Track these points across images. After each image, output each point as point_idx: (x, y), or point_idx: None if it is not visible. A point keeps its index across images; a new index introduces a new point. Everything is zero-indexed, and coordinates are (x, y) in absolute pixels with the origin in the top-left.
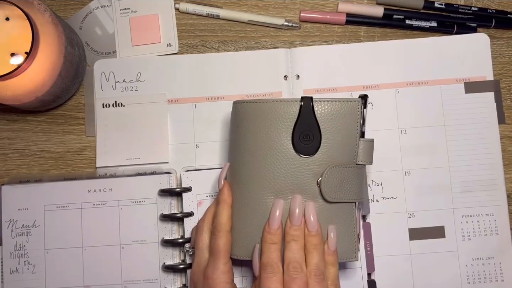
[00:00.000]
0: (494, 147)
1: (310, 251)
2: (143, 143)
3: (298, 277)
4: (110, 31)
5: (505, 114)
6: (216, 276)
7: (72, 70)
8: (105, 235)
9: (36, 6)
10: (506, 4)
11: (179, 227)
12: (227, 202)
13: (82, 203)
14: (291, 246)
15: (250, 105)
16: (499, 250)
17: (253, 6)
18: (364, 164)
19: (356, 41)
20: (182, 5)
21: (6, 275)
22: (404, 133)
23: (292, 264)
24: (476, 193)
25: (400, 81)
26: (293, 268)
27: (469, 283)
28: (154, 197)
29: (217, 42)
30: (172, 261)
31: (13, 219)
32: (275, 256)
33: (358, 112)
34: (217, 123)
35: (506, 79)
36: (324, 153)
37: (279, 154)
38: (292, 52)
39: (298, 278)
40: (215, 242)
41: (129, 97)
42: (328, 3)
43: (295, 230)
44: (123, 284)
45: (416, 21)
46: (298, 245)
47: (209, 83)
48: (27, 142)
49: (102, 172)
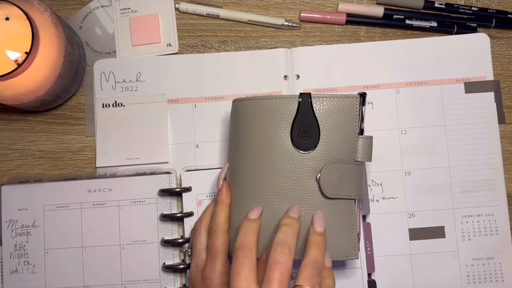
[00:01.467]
0: (494, 147)
1: (313, 246)
2: (143, 143)
3: (283, 261)
4: (110, 31)
5: (505, 114)
6: (214, 277)
7: (72, 70)
8: (105, 235)
9: (36, 6)
10: (506, 4)
11: (179, 227)
12: (225, 202)
13: (82, 203)
14: (283, 229)
15: (249, 102)
16: (499, 250)
17: (253, 6)
18: (363, 161)
19: (356, 41)
20: (182, 5)
21: (6, 275)
22: (404, 133)
23: (280, 246)
24: (476, 193)
25: (400, 81)
26: (281, 249)
27: (469, 283)
28: (154, 197)
29: (217, 42)
30: (172, 261)
31: (13, 219)
32: (251, 240)
33: (356, 109)
34: (217, 123)
35: (506, 79)
36: (323, 149)
37: (278, 150)
38: (292, 52)
39: (282, 263)
40: (213, 243)
41: (129, 97)
42: (328, 3)
43: (291, 219)
44: (123, 284)
45: (416, 21)
46: (292, 229)
47: (209, 83)
48: (27, 142)
49: (102, 172)
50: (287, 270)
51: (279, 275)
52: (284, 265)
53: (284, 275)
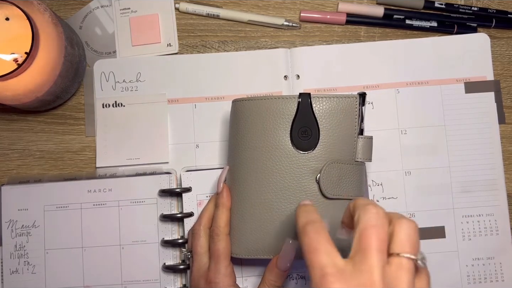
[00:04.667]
0: (494, 147)
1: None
2: (143, 143)
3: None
4: (110, 31)
5: (506, 114)
6: (219, 280)
7: (72, 70)
8: (105, 235)
9: (36, 6)
10: (506, 4)
11: (179, 227)
12: (226, 205)
13: (82, 203)
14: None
15: (248, 102)
16: (500, 250)
17: (253, 6)
18: (363, 161)
19: (356, 41)
20: (182, 5)
21: (6, 276)
22: (404, 133)
23: (373, 206)
24: (477, 193)
25: (400, 81)
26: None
27: (470, 283)
28: (154, 197)
29: (217, 42)
30: (172, 261)
31: (13, 219)
32: (316, 217)
33: (356, 109)
34: (217, 123)
35: (507, 79)
36: (323, 149)
37: (278, 150)
38: (292, 52)
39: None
40: (215, 246)
41: (129, 97)
42: (328, 3)
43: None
44: (123, 284)
45: (416, 21)
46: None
47: (209, 83)
48: (26, 142)
49: (102, 172)
50: (385, 235)
51: (377, 243)
52: (382, 229)
53: (384, 242)
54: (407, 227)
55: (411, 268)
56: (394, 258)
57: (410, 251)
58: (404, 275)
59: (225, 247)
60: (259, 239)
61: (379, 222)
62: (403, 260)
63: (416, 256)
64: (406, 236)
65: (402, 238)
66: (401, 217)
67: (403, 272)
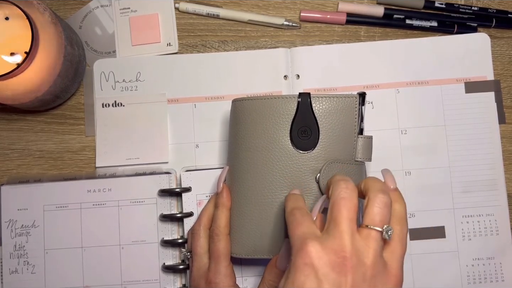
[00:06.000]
0: (494, 147)
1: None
2: (143, 143)
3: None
4: (110, 30)
5: (506, 114)
6: (219, 280)
7: (72, 69)
8: (104, 235)
9: (36, 6)
10: (506, 4)
11: (179, 227)
12: (226, 205)
13: (81, 203)
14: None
15: (248, 102)
16: (500, 250)
17: (253, 5)
18: (363, 161)
19: (356, 40)
20: (182, 4)
21: (6, 276)
22: (404, 133)
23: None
24: (477, 193)
25: (400, 81)
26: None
27: (470, 283)
28: (153, 197)
29: (217, 42)
30: (172, 261)
31: (12, 219)
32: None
33: (355, 108)
34: (217, 123)
35: (507, 79)
36: (322, 149)
37: (277, 150)
38: (292, 52)
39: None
40: (215, 247)
41: (129, 97)
42: (328, 3)
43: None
44: (122, 284)
45: (416, 21)
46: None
47: (209, 83)
48: (26, 142)
49: (101, 172)
50: (354, 206)
51: (346, 212)
52: (350, 201)
53: (352, 211)
54: (379, 201)
55: (379, 239)
56: (364, 229)
57: (378, 224)
58: (371, 243)
59: (225, 247)
60: (259, 239)
61: (347, 194)
62: (371, 232)
63: (382, 228)
64: (377, 209)
65: (373, 212)
66: (378, 191)
67: (370, 241)
